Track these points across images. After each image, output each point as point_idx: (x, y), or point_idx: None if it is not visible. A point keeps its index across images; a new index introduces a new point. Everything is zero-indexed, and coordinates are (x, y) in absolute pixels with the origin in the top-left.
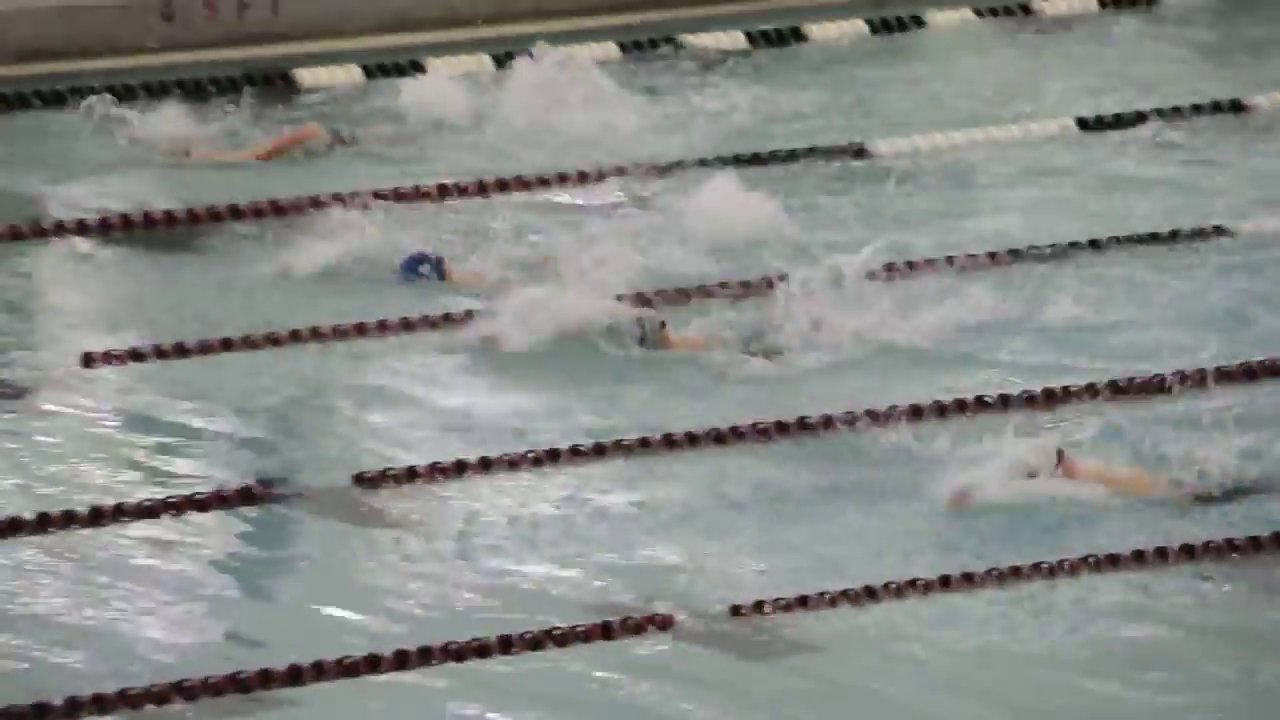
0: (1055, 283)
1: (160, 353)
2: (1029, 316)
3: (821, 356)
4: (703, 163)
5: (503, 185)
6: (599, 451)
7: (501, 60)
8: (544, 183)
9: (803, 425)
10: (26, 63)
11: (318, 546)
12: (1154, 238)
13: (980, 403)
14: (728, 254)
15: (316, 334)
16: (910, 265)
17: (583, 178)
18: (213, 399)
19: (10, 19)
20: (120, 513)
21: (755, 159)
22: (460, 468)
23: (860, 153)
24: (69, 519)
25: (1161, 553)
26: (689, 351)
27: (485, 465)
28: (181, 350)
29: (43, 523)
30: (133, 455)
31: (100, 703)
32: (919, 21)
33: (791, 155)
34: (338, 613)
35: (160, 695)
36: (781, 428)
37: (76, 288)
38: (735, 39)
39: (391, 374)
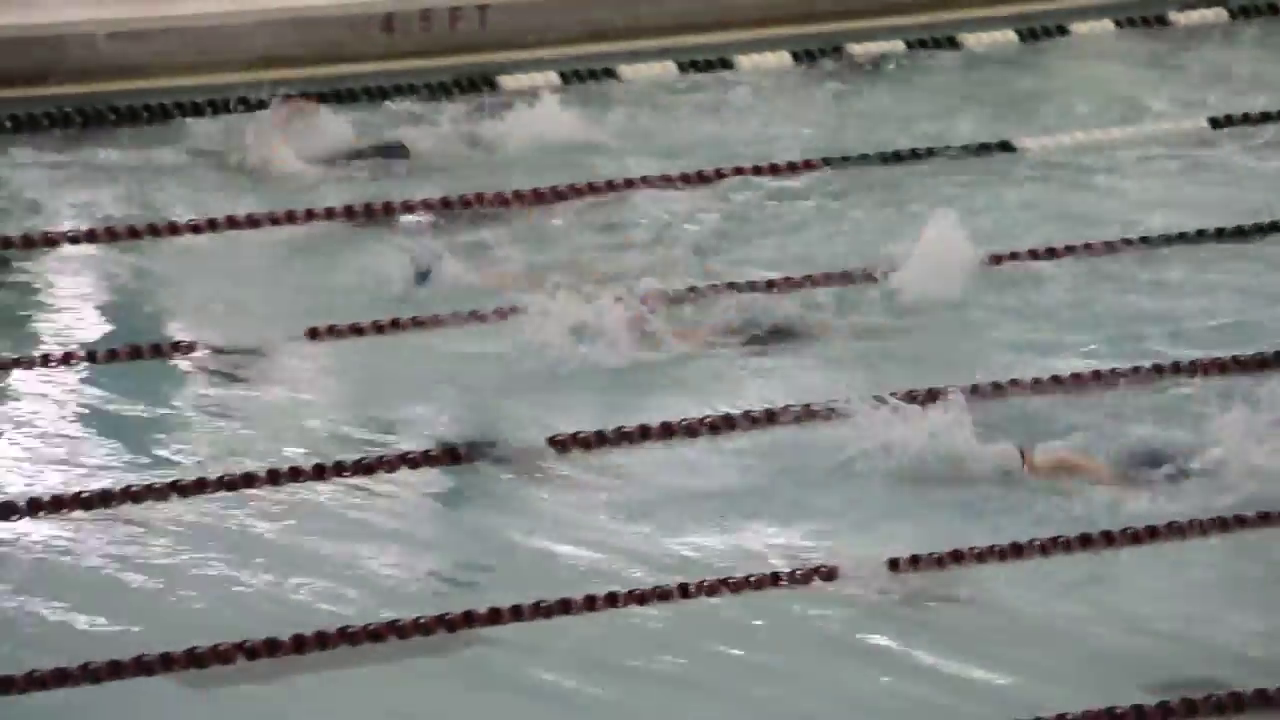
0: (1180, 271)
1: (378, 328)
2: (1154, 303)
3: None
4: (864, 157)
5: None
6: (769, 418)
7: (685, 67)
8: (721, 175)
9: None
10: (264, 69)
11: (515, 501)
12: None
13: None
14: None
15: (515, 311)
16: (1049, 251)
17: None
18: (424, 369)
19: (252, 29)
20: (341, 468)
21: (913, 154)
22: (644, 432)
23: (1006, 147)
24: (296, 473)
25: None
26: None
27: (667, 431)
28: (396, 325)
29: (273, 476)
30: (352, 417)
31: (322, 639)
32: (1063, 30)
33: (946, 150)
34: (532, 559)
35: (375, 633)
36: (911, 396)
37: (297, 269)
38: (895, 47)
39: (577, 348)
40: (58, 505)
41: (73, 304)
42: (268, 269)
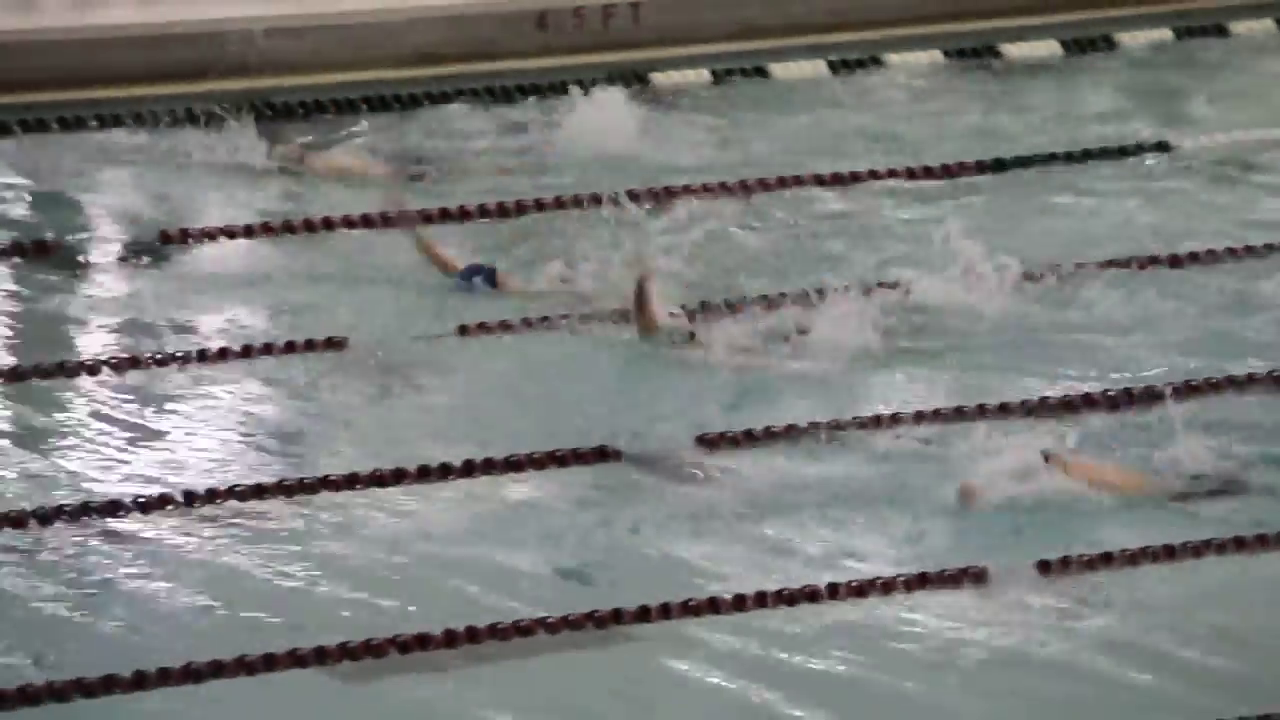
0: None
1: (527, 323)
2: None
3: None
4: (1019, 159)
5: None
6: (917, 418)
7: (835, 67)
8: (875, 175)
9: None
10: (420, 66)
11: (664, 498)
12: None
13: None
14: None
15: (660, 316)
16: (1210, 253)
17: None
18: (576, 366)
19: (408, 26)
20: (490, 465)
21: (1068, 155)
22: (790, 430)
23: (1163, 147)
24: (446, 471)
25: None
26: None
27: (814, 427)
28: (545, 322)
29: (423, 473)
30: (503, 417)
31: (472, 634)
32: (1221, 30)
33: (1103, 151)
34: (682, 557)
35: (525, 629)
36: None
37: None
38: (1051, 47)
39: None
40: (212, 497)
41: (229, 299)
42: (418, 264)
